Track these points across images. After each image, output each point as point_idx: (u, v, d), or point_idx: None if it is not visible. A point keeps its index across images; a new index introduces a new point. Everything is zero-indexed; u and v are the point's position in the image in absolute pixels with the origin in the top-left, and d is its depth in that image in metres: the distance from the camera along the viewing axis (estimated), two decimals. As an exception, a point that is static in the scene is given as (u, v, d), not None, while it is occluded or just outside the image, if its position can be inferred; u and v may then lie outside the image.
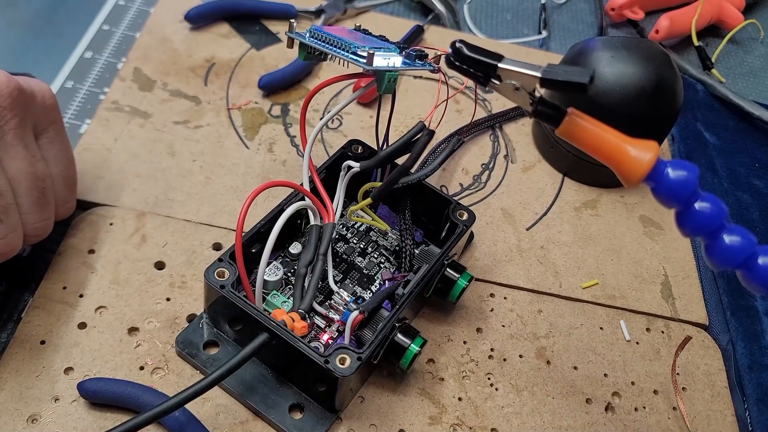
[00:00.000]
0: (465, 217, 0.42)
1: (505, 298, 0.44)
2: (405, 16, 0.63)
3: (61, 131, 0.38)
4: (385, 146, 0.41)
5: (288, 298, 0.39)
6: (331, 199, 0.39)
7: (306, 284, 0.37)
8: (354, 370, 0.33)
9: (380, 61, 0.36)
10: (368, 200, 0.38)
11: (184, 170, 0.46)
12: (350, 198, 0.43)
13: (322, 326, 0.39)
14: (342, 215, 0.42)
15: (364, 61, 0.35)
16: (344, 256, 0.42)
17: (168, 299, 0.40)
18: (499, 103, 0.56)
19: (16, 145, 0.34)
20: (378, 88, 0.37)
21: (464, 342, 0.41)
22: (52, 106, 0.37)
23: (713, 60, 0.65)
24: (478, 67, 0.30)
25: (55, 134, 0.37)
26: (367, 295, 0.41)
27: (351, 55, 0.36)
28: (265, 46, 0.56)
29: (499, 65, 0.30)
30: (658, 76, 0.46)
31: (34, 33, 0.55)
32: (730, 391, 0.43)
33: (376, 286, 0.41)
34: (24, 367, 0.36)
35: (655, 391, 0.42)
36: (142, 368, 0.37)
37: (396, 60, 0.37)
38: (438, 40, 0.60)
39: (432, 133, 0.35)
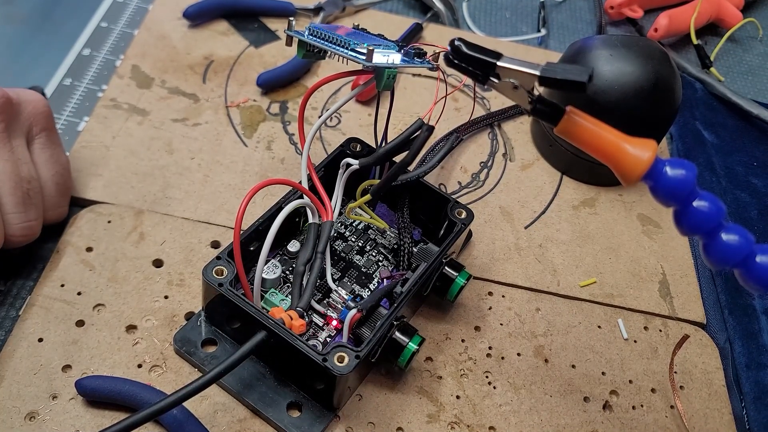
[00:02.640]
0: (463, 215, 0.42)
1: (503, 296, 0.44)
2: (404, 14, 0.63)
3: (54, 138, 0.40)
4: (383, 144, 0.41)
5: (286, 296, 0.39)
6: (330, 197, 0.39)
7: (304, 282, 0.37)
8: (352, 369, 0.33)
9: (380, 57, 0.36)
10: (367, 197, 0.38)
11: (182, 168, 0.46)
12: (349, 196, 0.43)
13: (321, 324, 0.39)
14: (340, 213, 0.42)
15: (364, 57, 0.35)
16: (342, 254, 0.42)
17: (166, 297, 0.40)
18: (497, 101, 0.56)
19: (0, 148, 0.35)
20: (377, 85, 0.37)
21: (462, 340, 0.41)
22: (44, 114, 0.39)
23: (712, 58, 0.65)
24: (477, 66, 0.30)
25: (47, 140, 0.39)
26: (365, 294, 0.41)
27: (350, 52, 0.36)
28: (264, 43, 0.56)
29: (498, 63, 0.30)
30: (657, 75, 0.46)
31: (32, 30, 0.55)
32: (727, 390, 0.43)
33: (374, 285, 0.41)
34: (22, 364, 0.36)
35: (652, 390, 0.42)
36: (140, 366, 0.37)
37: (395, 57, 0.37)
38: (437, 38, 0.60)
39: (432, 128, 0.35)
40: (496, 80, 0.30)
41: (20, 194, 0.36)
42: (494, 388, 0.40)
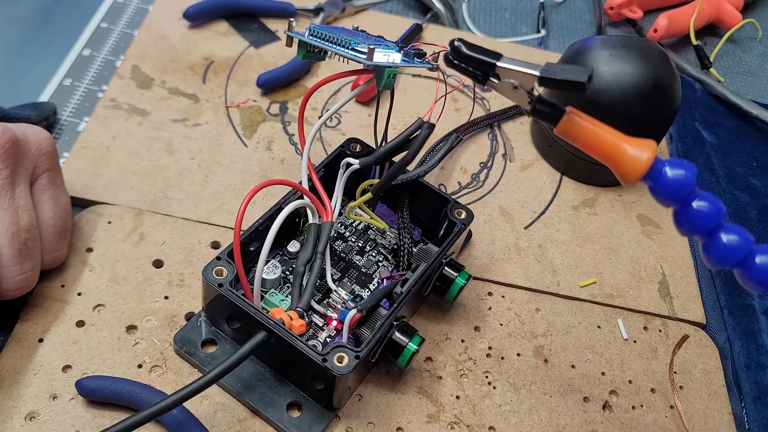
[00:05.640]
0: (463, 215, 0.42)
1: (503, 296, 0.44)
2: (404, 15, 0.63)
3: (57, 178, 0.38)
4: (383, 144, 0.41)
5: (286, 296, 0.39)
6: (330, 197, 0.39)
7: (304, 283, 0.37)
8: (352, 369, 0.33)
9: (380, 56, 0.36)
10: (368, 195, 0.38)
11: (182, 168, 0.46)
12: (349, 197, 0.43)
13: (320, 325, 0.39)
14: (340, 213, 0.42)
15: (365, 56, 0.35)
16: (342, 254, 0.42)
17: (166, 297, 0.40)
18: (497, 101, 0.56)
19: (2, 196, 0.34)
20: (378, 85, 0.37)
21: (462, 340, 0.41)
22: (48, 153, 0.37)
23: (711, 59, 0.65)
24: (477, 66, 0.31)
25: (49, 181, 0.37)
26: (365, 294, 0.41)
27: (351, 52, 0.36)
28: (264, 44, 0.56)
29: (498, 64, 0.30)
30: (657, 75, 0.46)
31: (33, 30, 0.55)
32: (727, 390, 0.43)
33: (374, 285, 0.41)
34: (22, 365, 0.36)
35: (652, 390, 0.42)
36: (140, 366, 0.37)
37: (395, 57, 0.37)
38: (437, 38, 0.60)
39: (432, 126, 0.35)
40: (495, 80, 0.30)
41: (17, 246, 0.34)
42: (494, 388, 0.40)
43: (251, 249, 0.39)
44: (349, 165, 0.39)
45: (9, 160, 0.34)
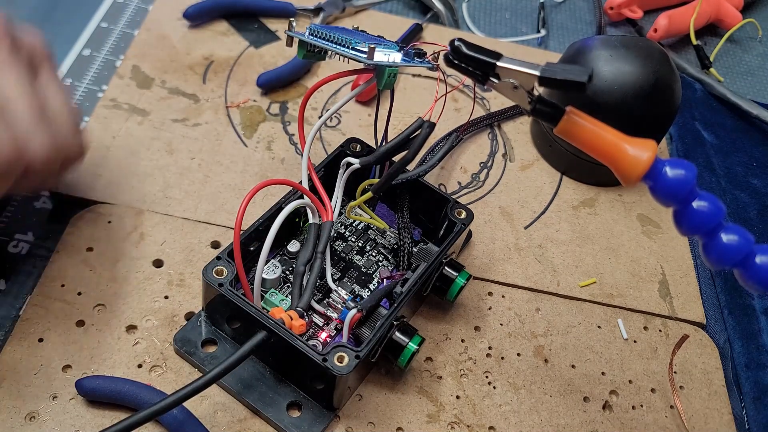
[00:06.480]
0: (463, 215, 0.42)
1: (503, 296, 0.44)
2: (403, 15, 0.63)
3: (57, 75, 0.37)
4: (383, 144, 0.41)
5: (286, 296, 0.39)
6: (330, 197, 0.39)
7: (304, 282, 0.37)
8: (352, 369, 0.33)
9: (381, 56, 0.36)
10: (368, 195, 0.38)
11: (182, 168, 0.46)
12: (349, 196, 0.43)
13: (321, 324, 0.39)
14: (340, 213, 0.42)
15: (365, 56, 0.35)
16: (342, 254, 0.42)
17: (166, 297, 0.40)
18: (497, 101, 0.56)
19: (8, 67, 0.33)
20: (378, 84, 0.37)
21: (462, 340, 0.41)
22: (44, 54, 0.37)
23: (711, 59, 0.65)
24: (477, 66, 0.31)
25: (50, 75, 0.36)
26: (365, 294, 0.41)
27: (352, 51, 0.36)
28: (264, 44, 0.56)
29: (498, 64, 0.30)
30: (657, 75, 0.46)
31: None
32: (727, 390, 0.43)
33: (374, 285, 0.41)
34: (22, 364, 0.36)
35: (652, 390, 0.42)
36: (140, 366, 0.37)
37: (396, 56, 0.37)
38: (437, 38, 0.60)
39: (433, 125, 0.35)
40: (495, 80, 0.30)
41: (38, 110, 0.33)
42: (494, 388, 0.40)
43: (251, 249, 0.39)
44: (349, 165, 0.39)
45: (7, 39, 0.34)
